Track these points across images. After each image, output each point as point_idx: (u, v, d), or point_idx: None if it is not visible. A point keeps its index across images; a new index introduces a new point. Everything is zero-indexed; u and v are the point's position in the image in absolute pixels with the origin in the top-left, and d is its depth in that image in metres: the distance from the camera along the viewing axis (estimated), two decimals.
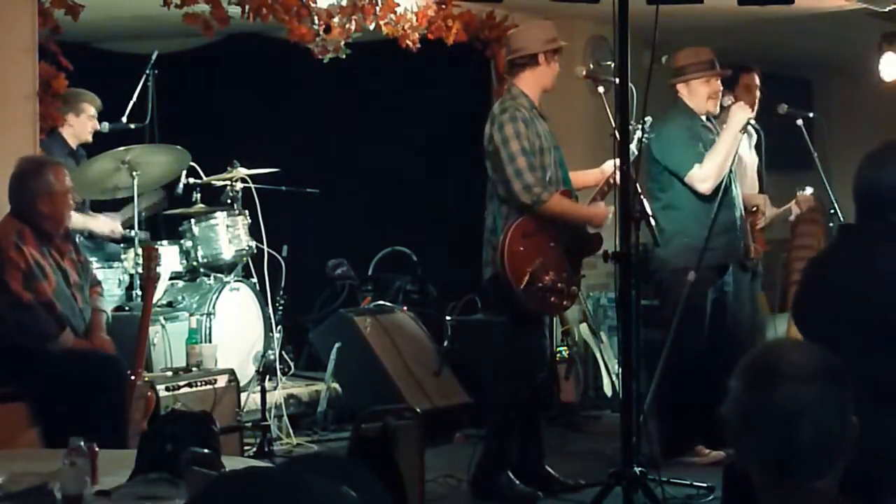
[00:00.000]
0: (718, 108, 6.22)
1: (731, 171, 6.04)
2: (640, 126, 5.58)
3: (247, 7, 6.53)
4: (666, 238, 5.95)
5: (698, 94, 6.13)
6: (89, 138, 6.84)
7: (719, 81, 6.18)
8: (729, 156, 6.00)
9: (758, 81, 6.60)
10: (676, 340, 5.70)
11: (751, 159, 6.58)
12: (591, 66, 6.02)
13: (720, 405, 2.08)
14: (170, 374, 5.96)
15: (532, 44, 5.51)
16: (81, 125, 6.75)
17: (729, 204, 6.02)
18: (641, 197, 5.32)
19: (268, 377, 6.38)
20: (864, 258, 3.20)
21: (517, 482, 5.46)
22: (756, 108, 6.46)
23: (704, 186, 5.98)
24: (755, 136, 6.47)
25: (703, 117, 6.19)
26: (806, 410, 1.97)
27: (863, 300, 3.14)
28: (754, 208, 6.47)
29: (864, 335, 3.09)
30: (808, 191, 6.58)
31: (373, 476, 1.90)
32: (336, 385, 7.02)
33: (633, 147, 5.46)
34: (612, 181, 5.46)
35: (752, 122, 6.11)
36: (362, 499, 1.69)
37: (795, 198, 6.66)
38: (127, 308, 6.42)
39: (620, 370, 5.12)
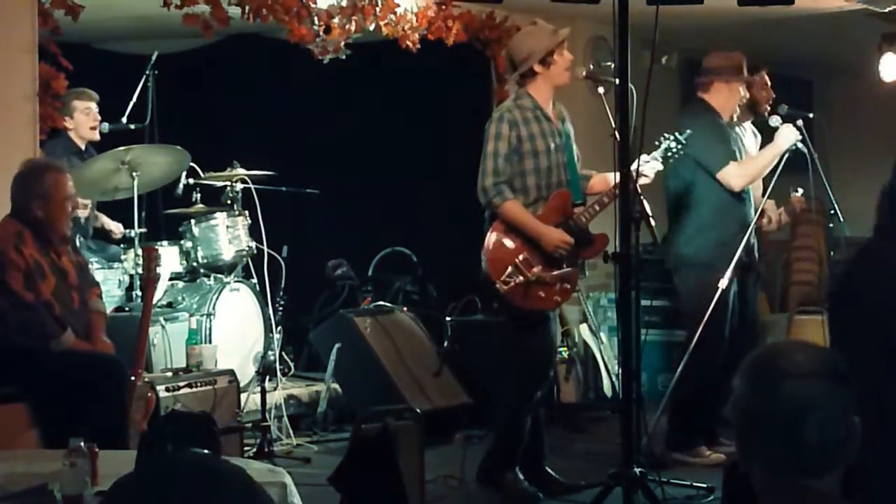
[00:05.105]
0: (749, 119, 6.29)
1: None
2: (672, 137, 5.57)
3: (247, 7, 6.53)
4: (688, 235, 6.00)
5: (736, 96, 6.17)
6: (94, 136, 6.87)
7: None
8: (767, 167, 6.11)
9: (767, 79, 6.62)
10: (703, 339, 5.71)
11: None
12: (591, 66, 6.01)
13: (723, 405, 2.08)
14: (170, 374, 5.96)
15: (541, 44, 5.41)
16: (78, 124, 6.81)
17: (749, 203, 6.11)
18: (641, 197, 5.30)
19: (268, 378, 6.37)
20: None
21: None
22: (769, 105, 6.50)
23: (737, 182, 6.04)
24: (759, 137, 6.49)
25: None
26: (810, 409, 1.97)
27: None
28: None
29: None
30: (799, 192, 6.57)
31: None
32: (336, 385, 7.02)
33: (657, 155, 5.50)
34: (614, 193, 5.33)
35: (800, 145, 6.09)
36: None
37: (789, 201, 6.66)
38: (127, 309, 6.42)
39: (620, 370, 5.11)
